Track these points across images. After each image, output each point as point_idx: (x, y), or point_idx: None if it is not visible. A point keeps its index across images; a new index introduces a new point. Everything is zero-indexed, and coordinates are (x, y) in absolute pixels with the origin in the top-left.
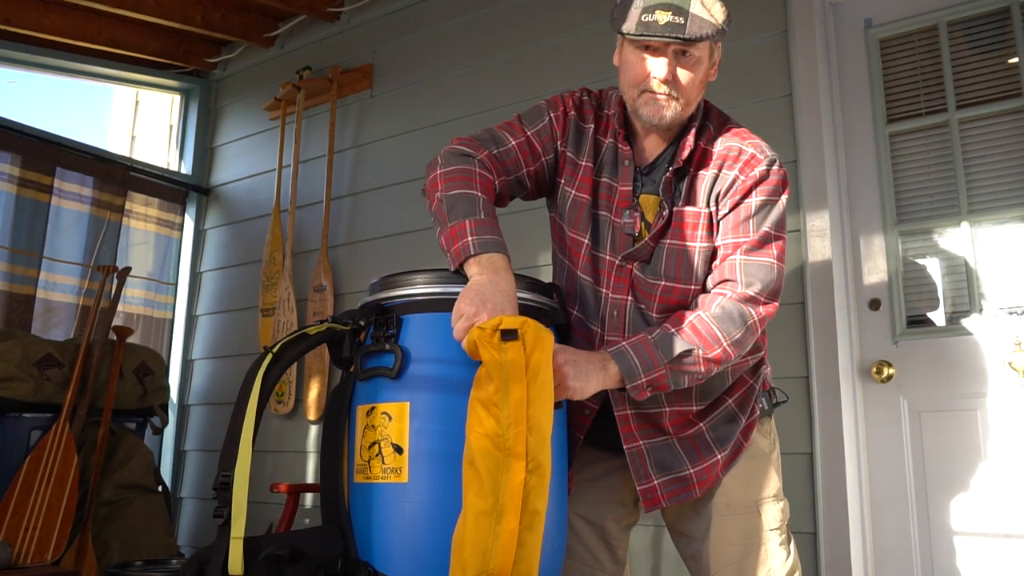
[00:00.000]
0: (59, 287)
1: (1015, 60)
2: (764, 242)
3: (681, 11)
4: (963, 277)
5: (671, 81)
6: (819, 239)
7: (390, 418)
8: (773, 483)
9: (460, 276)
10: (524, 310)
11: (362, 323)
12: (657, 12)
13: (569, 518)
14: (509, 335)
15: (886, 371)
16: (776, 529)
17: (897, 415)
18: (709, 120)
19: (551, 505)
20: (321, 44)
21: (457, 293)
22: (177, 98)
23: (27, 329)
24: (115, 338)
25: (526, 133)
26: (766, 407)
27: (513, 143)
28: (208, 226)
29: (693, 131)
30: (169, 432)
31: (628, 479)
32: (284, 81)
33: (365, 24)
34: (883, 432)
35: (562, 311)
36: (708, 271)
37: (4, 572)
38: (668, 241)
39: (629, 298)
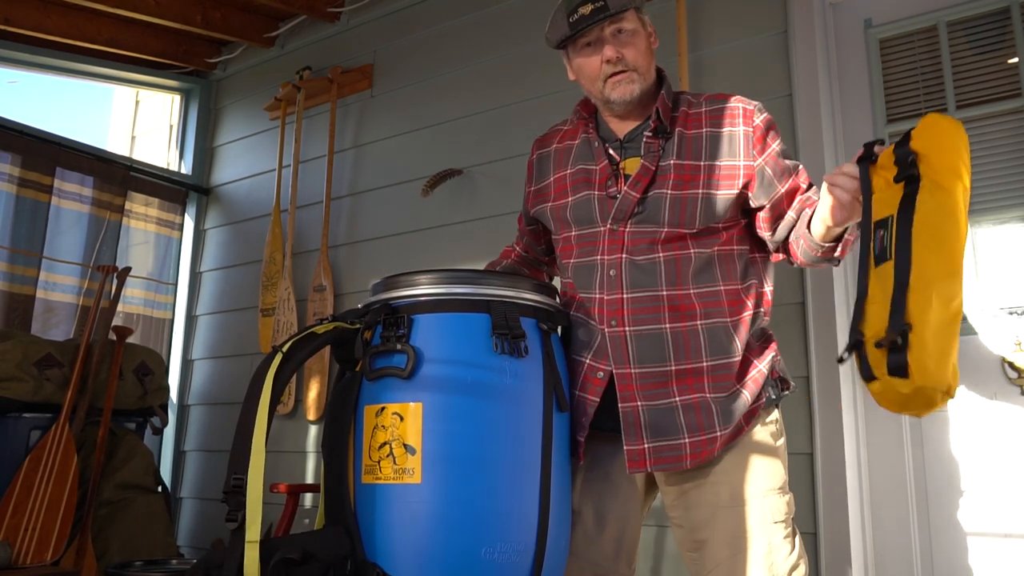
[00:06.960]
0: (59, 287)
1: (1015, 60)
2: (794, 171)
3: None
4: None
5: (622, 58)
6: None
7: (401, 418)
8: (779, 475)
9: (467, 274)
10: (531, 311)
11: (370, 323)
12: (579, 9)
13: (582, 514)
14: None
15: None
16: (781, 522)
17: (897, 415)
18: (681, 92)
19: (555, 505)
20: (321, 44)
21: (466, 294)
22: (177, 98)
23: (27, 329)
24: (115, 338)
25: (526, 190)
26: (773, 396)
27: (525, 206)
28: (208, 226)
29: (663, 94)
30: (169, 432)
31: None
32: (284, 81)
33: (365, 24)
34: (883, 432)
35: (563, 314)
36: (715, 217)
37: (4, 572)
38: (668, 192)
39: (624, 255)
